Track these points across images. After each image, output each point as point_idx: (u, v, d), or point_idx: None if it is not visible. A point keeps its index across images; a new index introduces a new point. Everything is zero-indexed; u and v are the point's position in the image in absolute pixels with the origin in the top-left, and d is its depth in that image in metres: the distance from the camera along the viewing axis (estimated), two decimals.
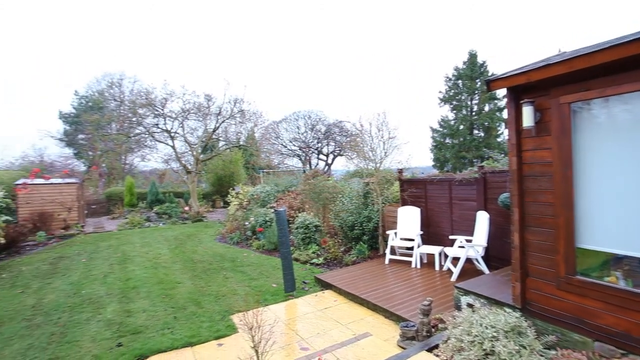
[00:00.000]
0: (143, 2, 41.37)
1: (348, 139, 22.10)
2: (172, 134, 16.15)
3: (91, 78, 35.78)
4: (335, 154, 25.48)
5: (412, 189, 7.86)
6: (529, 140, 3.43)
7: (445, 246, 6.71)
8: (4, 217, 7.52)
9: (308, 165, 25.28)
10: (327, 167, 25.28)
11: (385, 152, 7.92)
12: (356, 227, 8.02)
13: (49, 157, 24.52)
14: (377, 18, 50.00)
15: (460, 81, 26.83)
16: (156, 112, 15.59)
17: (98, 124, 23.20)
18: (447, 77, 27.41)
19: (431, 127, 27.91)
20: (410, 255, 7.01)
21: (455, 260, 6.13)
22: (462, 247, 6.08)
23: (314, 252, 8.04)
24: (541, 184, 3.35)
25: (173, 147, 16.44)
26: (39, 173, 13.23)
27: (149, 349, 4.11)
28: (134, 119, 16.36)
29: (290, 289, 5.75)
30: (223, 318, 4.92)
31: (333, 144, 25.23)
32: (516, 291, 3.57)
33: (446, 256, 6.44)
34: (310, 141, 25.10)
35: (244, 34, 47.91)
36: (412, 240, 7.09)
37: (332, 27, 51.31)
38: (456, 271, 5.86)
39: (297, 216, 9.12)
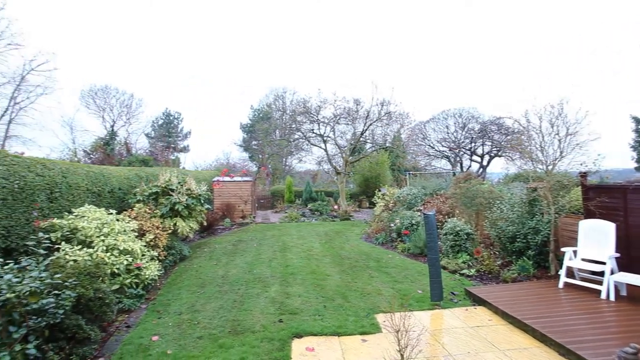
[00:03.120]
0: (300, 24, 47.27)
1: (508, 137, 19.25)
2: (325, 138, 17.71)
3: (262, 94, 43.40)
4: (492, 154, 22.58)
5: (603, 197, 6.16)
6: None
7: None
8: (207, 206, 9.87)
9: (458, 167, 23.32)
10: (481, 169, 22.68)
11: (561, 152, 6.50)
12: (518, 240, 6.87)
13: (232, 159, 31.21)
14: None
15: None
16: (311, 119, 17.40)
17: (266, 132, 27.76)
18: None
19: (634, 117, 21.23)
20: (597, 282, 5.52)
21: None
22: None
23: (464, 262, 7.34)
24: None
25: (325, 150, 18.01)
26: (227, 172, 16.88)
27: (303, 330, 4.61)
28: (293, 126, 18.73)
29: (437, 297, 5.41)
30: (367, 315, 5.05)
31: (489, 143, 22.42)
32: None
33: None
34: (461, 141, 23.08)
35: (393, 35, 48.15)
36: (602, 263, 5.56)
37: (484, 17, 45.67)
38: None
39: (446, 221, 8.53)
